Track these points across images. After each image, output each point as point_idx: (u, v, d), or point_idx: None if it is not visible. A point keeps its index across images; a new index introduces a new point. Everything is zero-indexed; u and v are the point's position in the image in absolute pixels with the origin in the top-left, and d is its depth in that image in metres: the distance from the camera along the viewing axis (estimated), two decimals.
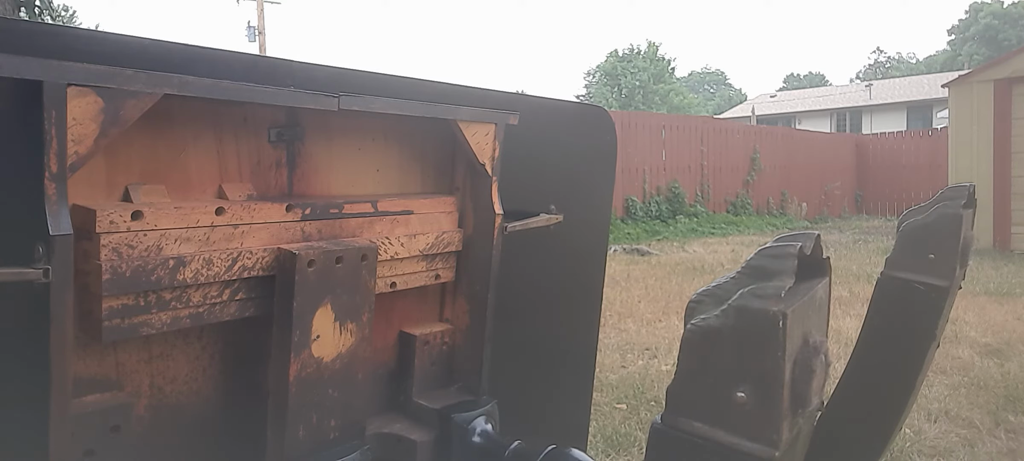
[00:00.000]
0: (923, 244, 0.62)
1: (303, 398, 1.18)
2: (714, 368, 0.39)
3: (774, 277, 0.39)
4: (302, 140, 1.25)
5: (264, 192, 1.20)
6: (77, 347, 0.97)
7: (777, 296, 0.38)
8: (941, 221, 0.63)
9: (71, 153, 0.89)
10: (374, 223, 1.31)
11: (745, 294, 0.38)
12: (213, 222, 1.07)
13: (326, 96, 1.14)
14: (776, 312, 0.37)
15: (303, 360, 1.16)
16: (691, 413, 0.39)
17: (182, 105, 1.05)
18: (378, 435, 1.37)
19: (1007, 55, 10.31)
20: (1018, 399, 3.56)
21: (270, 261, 1.13)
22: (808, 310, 0.40)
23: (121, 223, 0.97)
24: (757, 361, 0.38)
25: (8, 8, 8.98)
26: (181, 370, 1.17)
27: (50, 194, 0.87)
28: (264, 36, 25.37)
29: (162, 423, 1.14)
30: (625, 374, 3.91)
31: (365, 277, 1.22)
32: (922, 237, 0.63)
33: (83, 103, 0.89)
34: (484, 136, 1.43)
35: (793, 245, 0.41)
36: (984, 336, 4.88)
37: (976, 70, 10.64)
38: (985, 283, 6.81)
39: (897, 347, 0.62)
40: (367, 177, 1.37)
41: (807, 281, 0.41)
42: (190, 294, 1.06)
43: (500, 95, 1.51)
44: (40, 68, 0.84)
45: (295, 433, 1.19)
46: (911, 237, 0.63)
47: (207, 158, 1.14)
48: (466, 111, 1.37)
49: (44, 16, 11.79)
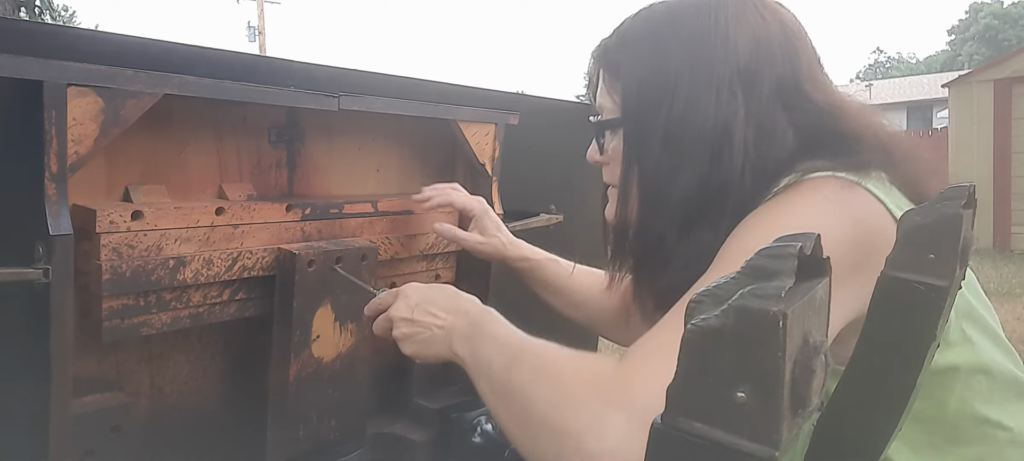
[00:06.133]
0: (923, 244, 0.62)
1: (303, 398, 1.18)
2: (714, 368, 0.39)
3: (774, 277, 0.39)
4: (302, 140, 1.26)
5: (264, 192, 1.21)
6: (77, 347, 0.97)
7: (777, 296, 0.38)
8: (941, 221, 0.63)
9: (71, 153, 0.89)
10: (374, 223, 1.31)
11: (745, 294, 0.38)
12: (213, 222, 1.07)
13: (326, 96, 1.14)
14: (776, 312, 0.37)
15: (303, 360, 1.16)
16: (691, 413, 0.39)
17: (182, 105, 1.05)
18: (378, 435, 1.37)
19: (1007, 55, 10.31)
20: None
21: (270, 261, 1.14)
22: (808, 310, 0.40)
23: (121, 223, 0.97)
24: (757, 361, 0.38)
25: (8, 8, 8.98)
26: (181, 370, 1.17)
27: (50, 194, 0.87)
28: (264, 36, 25.37)
29: (162, 423, 1.15)
30: None
31: (365, 277, 1.22)
32: (922, 237, 0.63)
33: (83, 103, 0.89)
34: (484, 136, 1.43)
35: (793, 245, 0.41)
36: None
37: (976, 70, 10.64)
38: (985, 283, 6.78)
39: (897, 347, 0.63)
40: (367, 177, 1.37)
41: (807, 281, 0.42)
42: (190, 294, 1.06)
43: (500, 95, 1.52)
44: (40, 68, 0.84)
45: (295, 433, 1.19)
46: (911, 237, 0.63)
47: (207, 158, 1.14)
48: (466, 111, 1.38)
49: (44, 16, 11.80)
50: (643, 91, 0.88)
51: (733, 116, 0.83)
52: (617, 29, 0.95)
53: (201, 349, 1.19)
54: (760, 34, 0.86)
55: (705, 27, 0.86)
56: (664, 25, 0.89)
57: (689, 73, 0.85)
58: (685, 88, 0.85)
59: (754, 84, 0.84)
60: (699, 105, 0.84)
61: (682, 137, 0.85)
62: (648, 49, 0.89)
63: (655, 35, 0.89)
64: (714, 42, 0.85)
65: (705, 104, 0.84)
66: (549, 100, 1.73)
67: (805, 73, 0.87)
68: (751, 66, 0.84)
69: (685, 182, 0.85)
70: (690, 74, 0.85)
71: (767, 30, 0.86)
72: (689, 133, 0.84)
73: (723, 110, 0.83)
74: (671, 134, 0.85)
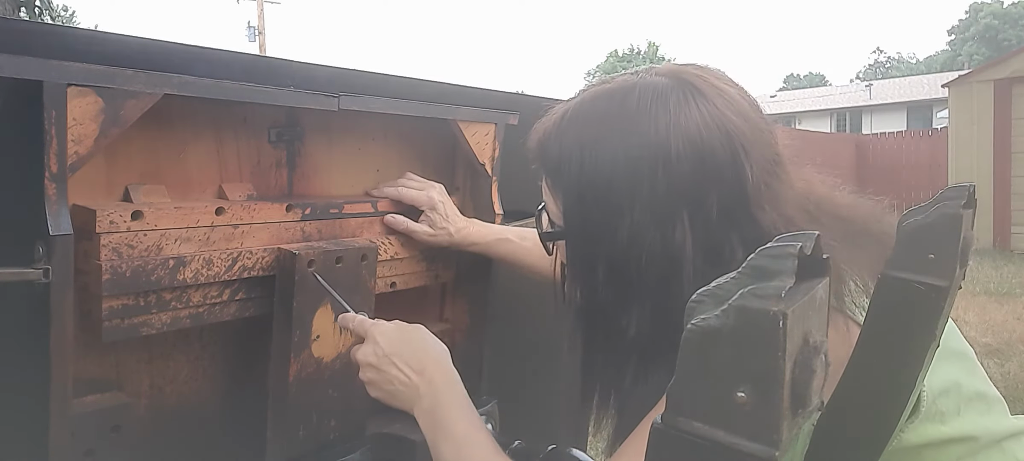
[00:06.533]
0: (923, 244, 0.62)
1: (303, 398, 1.18)
2: (714, 368, 0.39)
3: (774, 277, 0.39)
4: (302, 140, 1.26)
5: (264, 192, 1.21)
6: (77, 347, 0.97)
7: (777, 296, 0.38)
8: (941, 221, 0.63)
9: (71, 153, 0.89)
10: (374, 223, 1.31)
11: (745, 294, 0.38)
12: (213, 222, 1.07)
13: (326, 96, 1.14)
14: (776, 312, 0.37)
15: (303, 360, 1.16)
16: (691, 413, 0.39)
17: (182, 105, 1.05)
18: (378, 435, 1.37)
19: (1007, 55, 10.31)
20: (1018, 399, 3.56)
21: (270, 261, 1.14)
22: (808, 310, 0.40)
23: (121, 223, 0.97)
24: (757, 361, 0.38)
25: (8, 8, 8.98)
26: (181, 370, 1.17)
27: (50, 194, 0.87)
28: (264, 36, 25.38)
29: (162, 423, 1.14)
30: None
31: (365, 277, 1.22)
32: (922, 237, 0.63)
33: (83, 103, 0.89)
34: (484, 136, 1.43)
35: (793, 245, 0.41)
36: (984, 336, 4.88)
37: (976, 70, 10.64)
38: (985, 283, 6.81)
39: (897, 347, 0.63)
40: (367, 177, 1.37)
41: (807, 281, 0.42)
42: (190, 294, 1.06)
43: (500, 95, 1.52)
44: (40, 68, 0.84)
45: (295, 433, 1.19)
46: (911, 237, 0.63)
47: (207, 158, 1.14)
48: (466, 111, 1.38)
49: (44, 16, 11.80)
50: (586, 218, 0.83)
51: (681, 245, 0.78)
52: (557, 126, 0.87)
53: (201, 349, 1.19)
54: (705, 149, 0.78)
55: (646, 141, 0.78)
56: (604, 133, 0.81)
57: (630, 201, 0.79)
58: (628, 218, 0.79)
59: (700, 208, 0.78)
60: (644, 237, 0.78)
61: (627, 268, 0.80)
62: (588, 165, 0.82)
63: (594, 147, 0.81)
64: (656, 165, 0.78)
65: (650, 236, 0.78)
66: (549, 100, 1.73)
67: (753, 187, 0.79)
68: (696, 190, 0.78)
69: (634, 315, 0.80)
70: (632, 202, 0.78)
71: (711, 144, 0.78)
72: (634, 265, 0.79)
73: (669, 240, 0.78)
74: (615, 265, 0.81)
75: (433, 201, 1.35)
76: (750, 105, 0.84)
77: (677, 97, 0.80)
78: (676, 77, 0.83)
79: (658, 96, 0.80)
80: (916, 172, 14.89)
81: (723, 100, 0.81)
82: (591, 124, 0.83)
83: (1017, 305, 5.92)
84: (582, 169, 0.82)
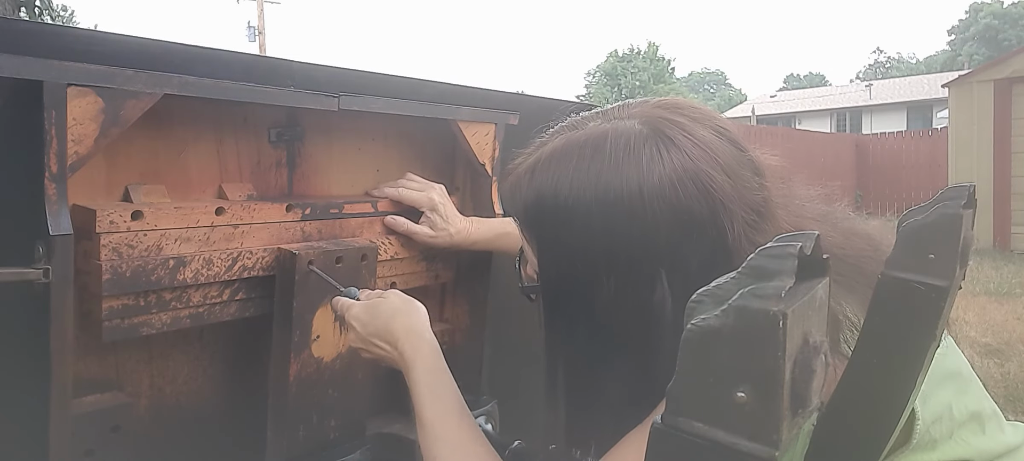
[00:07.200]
0: (923, 244, 0.62)
1: (303, 398, 1.18)
2: (714, 368, 0.39)
3: (774, 277, 0.39)
4: (302, 140, 1.26)
5: (264, 192, 1.21)
6: (77, 347, 0.97)
7: (777, 296, 0.38)
8: (941, 221, 0.62)
9: (71, 153, 0.89)
10: (374, 223, 1.31)
11: (745, 294, 0.38)
12: (213, 222, 1.07)
13: (326, 96, 1.14)
14: (776, 312, 0.37)
15: (303, 360, 1.16)
16: (691, 413, 0.39)
17: (182, 105, 1.05)
18: (378, 435, 1.37)
19: (1007, 55, 10.31)
20: (1018, 399, 3.56)
21: (270, 261, 1.14)
22: (808, 310, 0.40)
23: (121, 223, 0.97)
24: (757, 361, 0.38)
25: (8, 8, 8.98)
26: (181, 370, 1.17)
27: (50, 194, 0.87)
28: (264, 36, 25.38)
29: (162, 423, 1.14)
30: None
31: (365, 277, 1.22)
32: (922, 237, 0.63)
33: (83, 103, 0.89)
34: (484, 136, 1.43)
35: (793, 245, 0.41)
36: (984, 336, 4.88)
37: (976, 70, 10.64)
38: (985, 283, 6.81)
39: (897, 347, 0.62)
40: (367, 177, 1.37)
41: (807, 281, 0.42)
42: (190, 294, 1.06)
43: (500, 95, 1.52)
44: (40, 68, 0.84)
45: (295, 433, 1.19)
46: (911, 237, 0.63)
47: (207, 158, 1.14)
48: (466, 111, 1.38)
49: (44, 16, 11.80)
50: (562, 279, 0.81)
51: (660, 305, 0.74)
52: (528, 176, 0.82)
53: (201, 349, 1.19)
54: (680, 208, 0.74)
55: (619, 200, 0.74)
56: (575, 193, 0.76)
57: (607, 261, 0.75)
58: (604, 279, 0.76)
59: (679, 267, 0.74)
60: (623, 301, 0.76)
61: (606, 331, 0.78)
62: (562, 226, 0.78)
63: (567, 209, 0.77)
64: (631, 225, 0.74)
65: (628, 297, 0.75)
66: (549, 100, 1.73)
67: (735, 242, 0.75)
68: (674, 250, 0.74)
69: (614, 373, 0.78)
70: (608, 262, 0.75)
71: (688, 203, 0.74)
72: (613, 327, 0.77)
73: (649, 303, 0.75)
74: (595, 328, 0.79)
75: (434, 202, 1.35)
76: (731, 147, 0.78)
77: (650, 151, 0.75)
78: (649, 124, 0.78)
79: (630, 151, 0.76)
80: (916, 172, 14.88)
81: (699, 150, 0.76)
82: (563, 181, 0.78)
83: (1017, 305, 5.92)
84: (556, 230, 0.79)
